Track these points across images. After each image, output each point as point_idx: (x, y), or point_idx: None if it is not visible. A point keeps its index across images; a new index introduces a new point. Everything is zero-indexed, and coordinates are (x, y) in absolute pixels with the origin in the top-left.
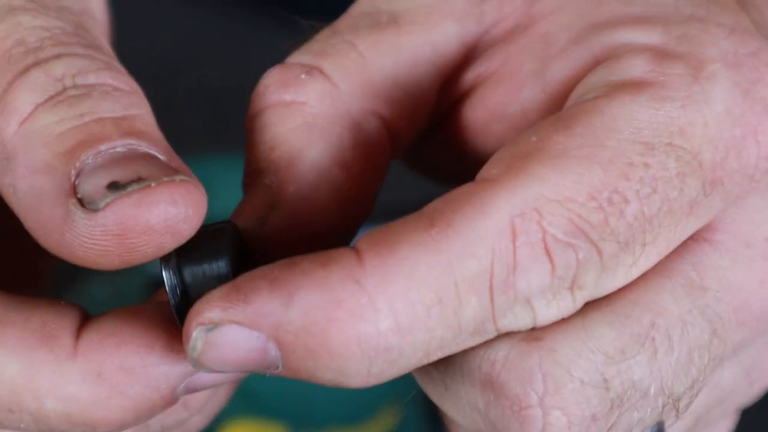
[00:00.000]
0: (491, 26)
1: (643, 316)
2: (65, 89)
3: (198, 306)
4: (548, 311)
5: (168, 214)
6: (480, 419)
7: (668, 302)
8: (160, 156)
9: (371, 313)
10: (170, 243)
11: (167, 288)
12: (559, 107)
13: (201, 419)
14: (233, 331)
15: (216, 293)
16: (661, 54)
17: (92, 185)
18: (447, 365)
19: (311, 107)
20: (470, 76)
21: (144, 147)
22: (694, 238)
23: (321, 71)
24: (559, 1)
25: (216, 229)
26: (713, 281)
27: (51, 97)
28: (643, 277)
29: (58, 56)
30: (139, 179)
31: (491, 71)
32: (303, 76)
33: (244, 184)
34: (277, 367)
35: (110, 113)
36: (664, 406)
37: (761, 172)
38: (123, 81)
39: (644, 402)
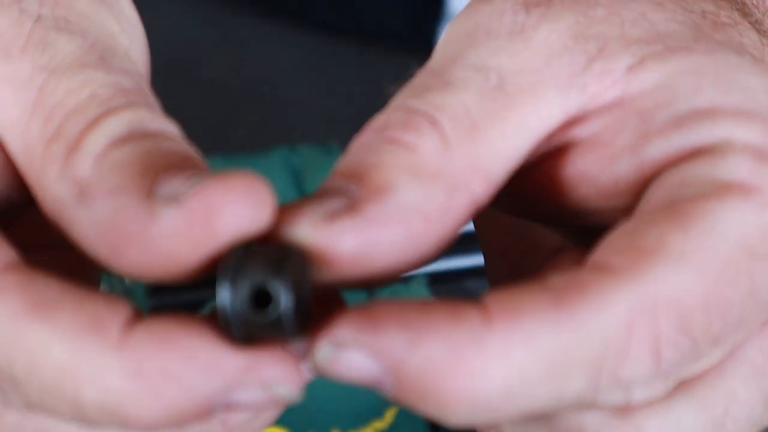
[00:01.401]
0: (591, 98)
1: (719, 402)
2: (133, 133)
3: (333, 325)
4: (643, 394)
5: (248, 200)
6: None
7: (739, 387)
8: None
9: (486, 377)
10: (249, 224)
11: (226, 301)
12: (648, 184)
13: None
14: (356, 354)
15: (349, 316)
16: (761, 154)
17: (174, 185)
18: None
19: (423, 157)
20: (562, 138)
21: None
22: None
23: (441, 127)
24: (657, 80)
25: (282, 245)
26: None
27: (122, 138)
28: (720, 362)
29: (127, 106)
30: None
31: (585, 137)
32: (425, 125)
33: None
34: (390, 394)
35: (174, 150)
36: None
37: None
38: (176, 132)
39: None
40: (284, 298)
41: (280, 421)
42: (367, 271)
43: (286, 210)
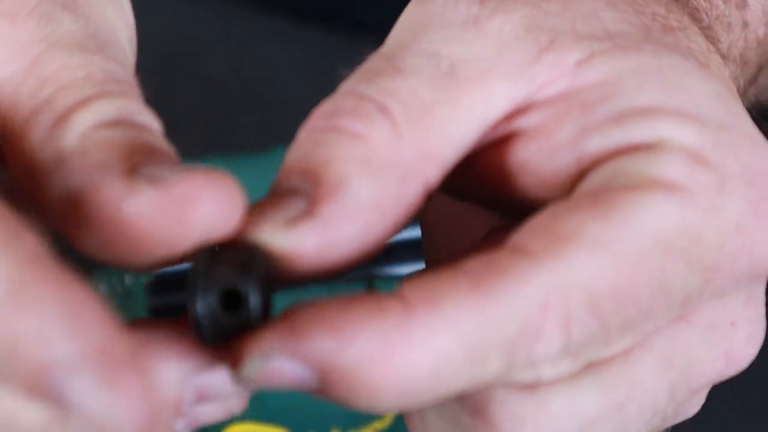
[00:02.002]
0: (539, 88)
1: (622, 387)
2: (121, 119)
3: (256, 337)
4: (551, 372)
5: (225, 192)
6: (457, 430)
7: (645, 375)
8: None
9: (414, 364)
10: (220, 221)
11: (197, 303)
12: (586, 174)
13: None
14: (284, 363)
15: (272, 328)
16: (694, 157)
17: (156, 169)
18: None
19: (374, 146)
20: (506, 128)
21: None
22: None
23: (391, 114)
24: (603, 75)
25: (247, 248)
26: (682, 358)
27: (110, 122)
28: (628, 349)
29: (120, 93)
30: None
31: (529, 127)
32: (375, 112)
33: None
34: (313, 391)
35: (158, 145)
36: None
37: (746, 277)
38: (160, 130)
39: None
40: (253, 299)
41: (279, 421)
42: (327, 266)
43: (249, 212)
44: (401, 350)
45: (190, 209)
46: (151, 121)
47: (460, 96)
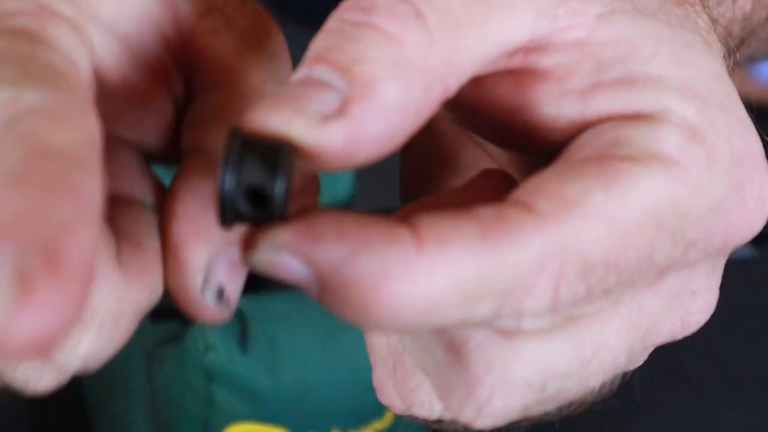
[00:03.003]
0: (559, 30)
1: (590, 345)
2: None
3: (274, 229)
4: (531, 324)
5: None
6: (429, 361)
7: (612, 336)
8: None
9: (409, 296)
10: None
11: (219, 175)
12: (584, 129)
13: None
14: (290, 259)
15: (291, 225)
16: (692, 133)
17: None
18: None
19: (407, 50)
20: (521, 62)
21: None
22: None
23: (426, 22)
24: (621, 34)
25: (276, 143)
26: (646, 321)
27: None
28: (601, 310)
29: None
30: None
31: (541, 68)
32: (412, 17)
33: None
34: (310, 293)
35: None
36: (573, 405)
37: (717, 252)
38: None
39: (562, 400)
40: (278, 198)
41: (280, 421)
42: (346, 163)
43: (271, 103)
44: (400, 279)
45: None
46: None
47: (490, 17)
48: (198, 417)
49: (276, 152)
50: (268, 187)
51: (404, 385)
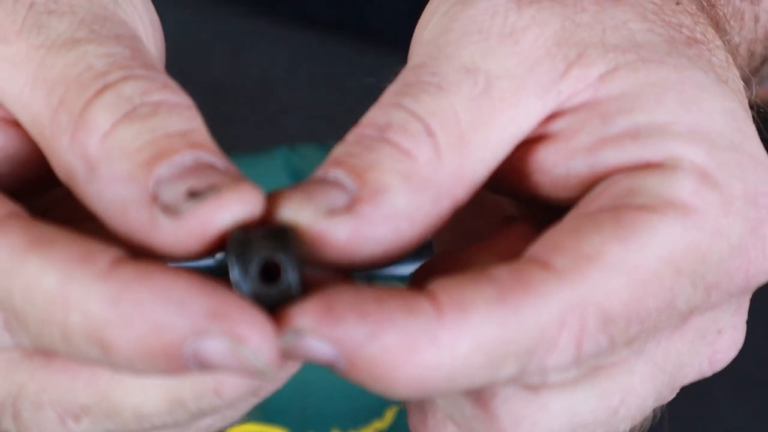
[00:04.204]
0: (564, 100)
1: (617, 393)
2: (136, 108)
3: (293, 313)
4: (556, 377)
5: (239, 215)
6: (459, 415)
7: (638, 383)
8: (219, 164)
9: (436, 364)
10: (242, 221)
11: (230, 261)
12: (597, 183)
13: (234, 414)
14: (315, 341)
15: (310, 306)
16: (704, 177)
17: (173, 194)
18: None
19: (417, 165)
20: (530, 133)
21: (206, 157)
22: None
23: (436, 138)
24: (625, 88)
25: (281, 226)
26: (672, 365)
27: (126, 115)
28: (626, 358)
29: (125, 78)
30: (212, 187)
31: (549, 131)
32: (423, 134)
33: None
34: (337, 371)
35: (175, 128)
36: None
37: (740, 291)
38: (180, 97)
39: None
40: (291, 268)
41: (280, 421)
42: (350, 259)
43: (285, 194)
44: (425, 351)
45: (208, 230)
46: (163, 95)
47: (494, 117)
48: None
49: (282, 232)
50: (280, 259)
51: None
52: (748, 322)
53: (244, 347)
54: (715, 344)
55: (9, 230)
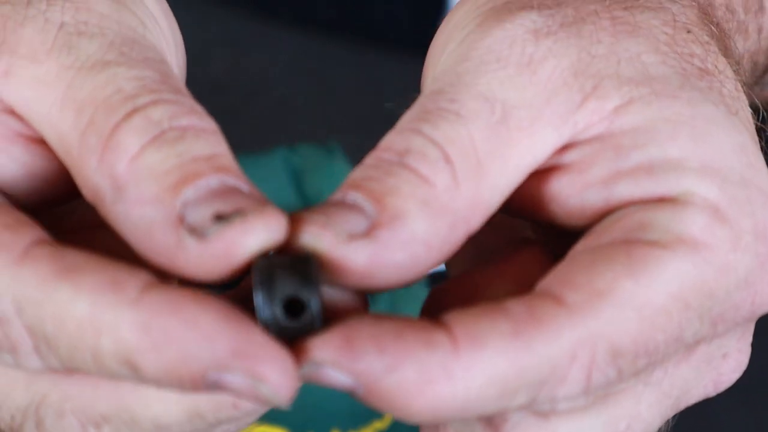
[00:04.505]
0: (579, 132)
1: (624, 419)
2: (164, 132)
3: (313, 345)
4: (566, 406)
5: (264, 240)
6: None
7: (643, 408)
8: (244, 188)
9: (451, 396)
10: (265, 248)
11: (255, 293)
12: (610, 213)
13: (251, 419)
14: (335, 372)
15: (331, 339)
16: (715, 213)
17: (199, 216)
18: None
19: (436, 191)
20: (544, 163)
21: (231, 180)
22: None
23: (453, 166)
24: (639, 122)
25: (303, 256)
26: (678, 390)
27: (154, 138)
28: (633, 386)
29: (154, 102)
30: (238, 210)
31: (564, 163)
32: (441, 161)
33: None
34: (355, 397)
35: (202, 152)
36: None
37: (745, 321)
38: (207, 122)
39: None
40: (315, 305)
41: (279, 421)
42: (369, 282)
43: (305, 217)
44: (440, 384)
45: (233, 255)
46: (191, 120)
47: (510, 147)
48: None
49: (305, 264)
50: (303, 296)
51: None
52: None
53: (263, 385)
54: (720, 368)
55: (37, 259)
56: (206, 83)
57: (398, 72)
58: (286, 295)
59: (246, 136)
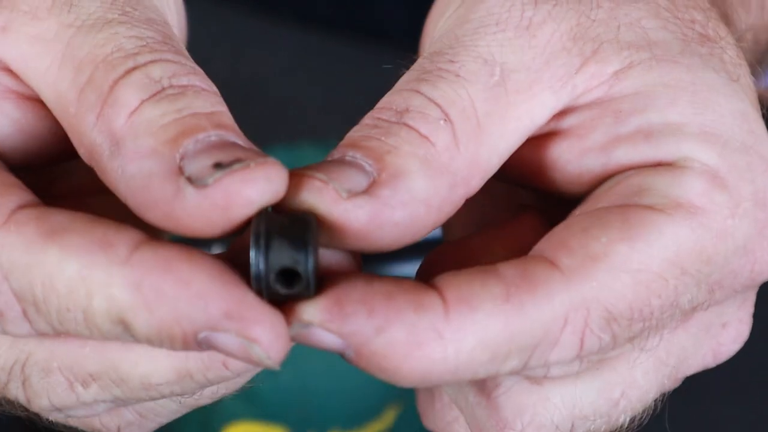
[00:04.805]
0: (579, 96)
1: (618, 385)
2: (164, 89)
3: (304, 307)
4: (559, 371)
5: (265, 192)
6: (462, 401)
7: (640, 376)
8: (243, 143)
9: (441, 358)
10: (264, 202)
11: (252, 259)
12: (608, 178)
13: (241, 381)
14: (325, 333)
15: (321, 302)
16: (714, 178)
17: (198, 166)
18: None
19: (436, 150)
20: (544, 127)
21: (231, 137)
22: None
23: (453, 126)
24: (639, 87)
25: (302, 218)
26: (675, 358)
27: (153, 95)
28: (628, 352)
29: (154, 61)
30: (238, 160)
31: (563, 128)
32: (441, 120)
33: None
34: (345, 358)
35: (202, 109)
36: None
37: (744, 288)
38: (207, 84)
39: None
40: (310, 274)
41: (279, 420)
42: (368, 242)
43: (305, 174)
44: (430, 345)
45: (232, 206)
46: (191, 79)
47: (509, 110)
48: (197, 416)
49: (302, 231)
50: (299, 267)
51: (442, 418)
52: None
53: (254, 346)
54: (720, 337)
55: (23, 223)
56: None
57: (398, 70)
58: (281, 265)
59: (245, 134)
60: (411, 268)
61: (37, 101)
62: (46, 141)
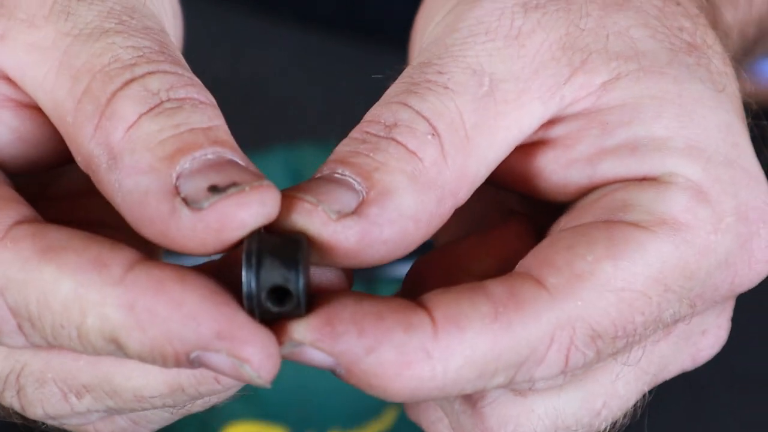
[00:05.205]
0: (566, 106)
1: (600, 396)
2: (162, 102)
3: (295, 326)
4: (543, 385)
5: (258, 215)
6: (448, 406)
7: (620, 386)
8: (240, 161)
9: (429, 377)
10: (257, 225)
11: (243, 278)
12: (593, 190)
13: (233, 391)
14: (316, 352)
15: (312, 321)
16: (697, 194)
17: (195, 187)
18: None
19: (423, 165)
20: (531, 137)
21: (228, 154)
22: None
23: (441, 139)
24: (625, 98)
25: (293, 238)
26: (655, 366)
27: (151, 108)
28: (611, 364)
29: (151, 72)
30: (234, 183)
31: (549, 137)
32: (429, 135)
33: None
34: (336, 375)
35: (199, 124)
36: None
37: (723, 299)
38: (204, 95)
39: None
40: (301, 293)
41: (280, 420)
42: (358, 260)
43: (295, 195)
44: (419, 365)
45: (225, 229)
46: (188, 91)
47: (497, 120)
48: (197, 416)
49: (293, 250)
50: (290, 285)
51: (427, 417)
52: (748, 322)
53: (245, 366)
54: (699, 344)
55: (19, 239)
56: (205, 81)
57: (398, 69)
58: (272, 283)
59: (245, 135)
60: (402, 269)
61: (35, 109)
62: (45, 148)
